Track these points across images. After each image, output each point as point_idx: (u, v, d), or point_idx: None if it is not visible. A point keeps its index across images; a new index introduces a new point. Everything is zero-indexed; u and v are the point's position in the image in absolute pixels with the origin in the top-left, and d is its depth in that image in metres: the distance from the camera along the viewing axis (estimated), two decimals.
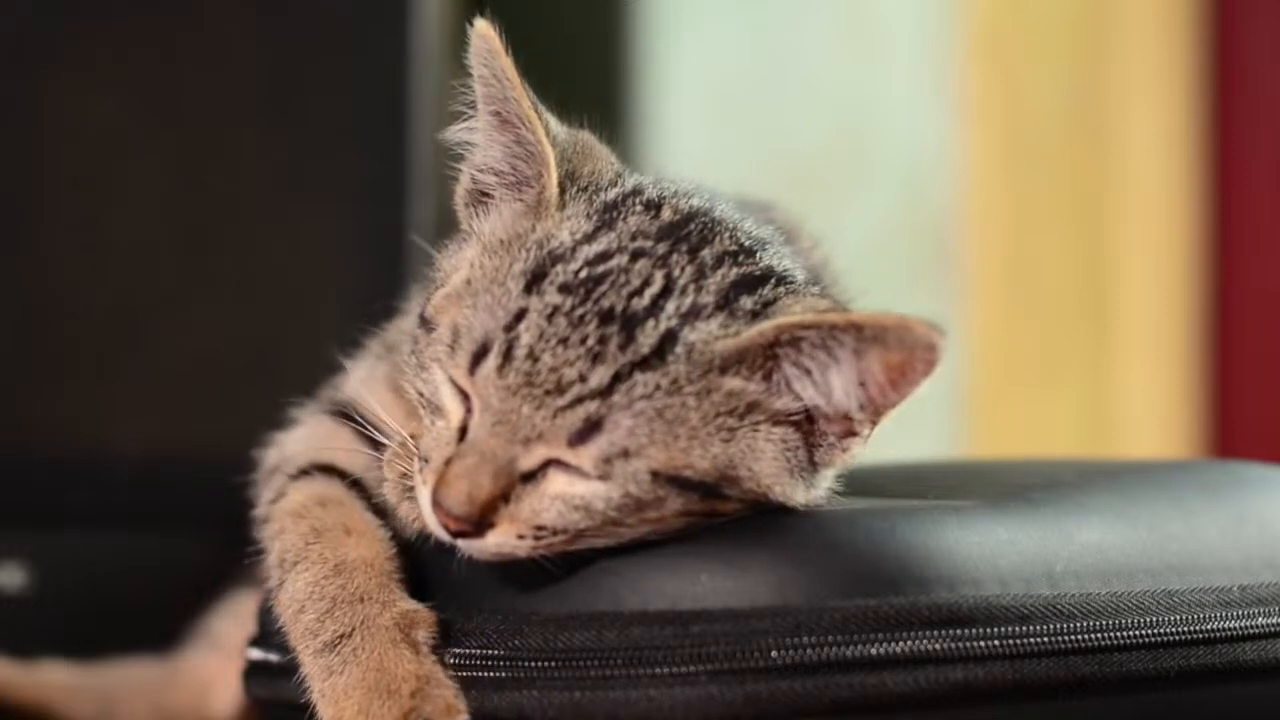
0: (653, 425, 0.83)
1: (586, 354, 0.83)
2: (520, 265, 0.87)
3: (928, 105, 2.29)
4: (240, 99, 1.61)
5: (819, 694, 0.83)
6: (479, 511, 0.83)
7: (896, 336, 0.83)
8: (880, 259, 2.29)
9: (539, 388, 0.83)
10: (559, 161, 0.90)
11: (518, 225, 0.90)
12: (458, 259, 0.91)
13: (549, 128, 0.91)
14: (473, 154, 0.93)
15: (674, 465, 0.84)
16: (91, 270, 1.58)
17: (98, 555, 1.52)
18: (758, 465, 0.85)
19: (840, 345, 0.84)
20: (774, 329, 0.84)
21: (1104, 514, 0.93)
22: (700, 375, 0.84)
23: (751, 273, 0.88)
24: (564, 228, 0.88)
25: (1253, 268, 2.43)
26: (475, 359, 0.85)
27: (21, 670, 1.32)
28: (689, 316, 0.85)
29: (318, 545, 0.91)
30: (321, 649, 0.87)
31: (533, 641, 0.85)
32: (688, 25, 2.31)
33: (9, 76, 1.58)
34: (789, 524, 0.87)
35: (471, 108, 0.92)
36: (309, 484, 0.96)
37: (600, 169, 0.93)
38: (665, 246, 0.87)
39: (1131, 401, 2.35)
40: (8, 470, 1.55)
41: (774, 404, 0.86)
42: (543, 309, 0.84)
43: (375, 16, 1.61)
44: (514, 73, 0.90)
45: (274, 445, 1.02)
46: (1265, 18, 2.43)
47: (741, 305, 0.86)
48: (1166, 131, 2.39)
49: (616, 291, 0.85)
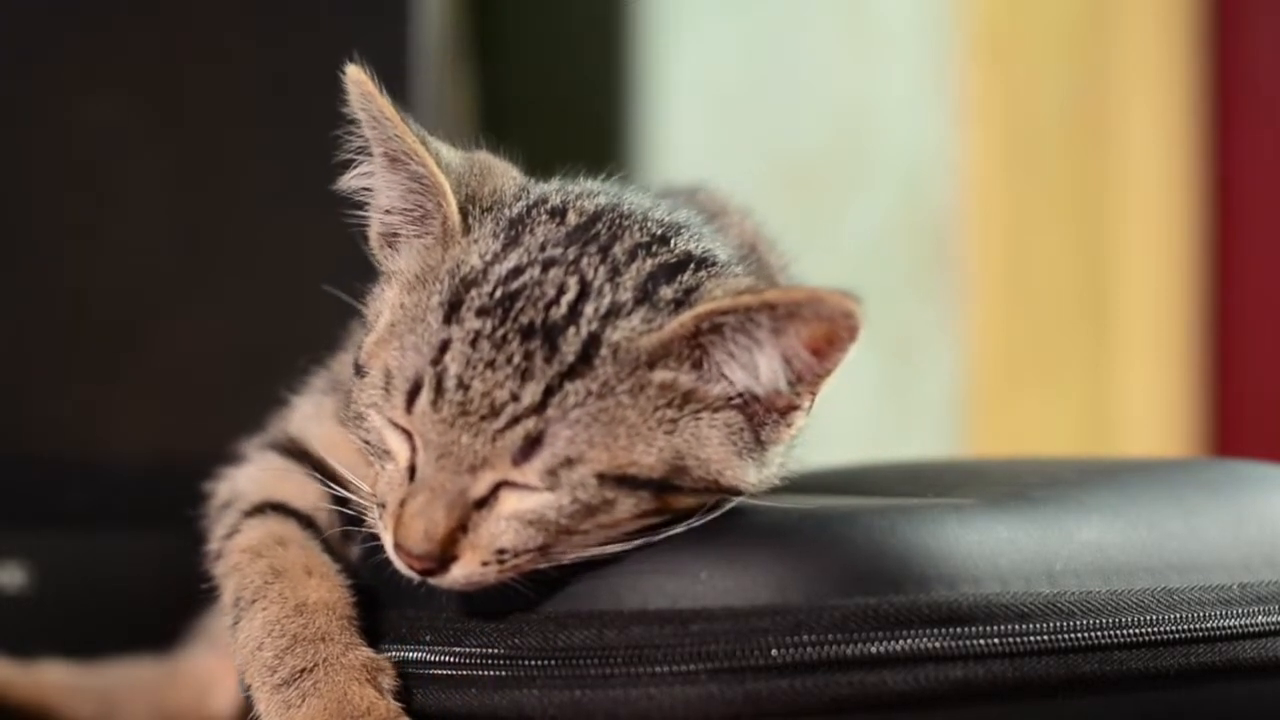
0: (591, 430, 0.83)
1: (515, 373, 0.83)
2: (437, 297, 0.86)
3: (928, 105, 2.29)
4: (240, 99, 1.61)
5: (819, 692, 0.83)
6: (439, 547, 0.83)
7: (811, 310, 0.83)
8: (880, 259, 2.29)
9: (475, 415, 0.83)
10: (455, 188, 0.90)
11: (429, 258, 0.90)
12: (381, 302, 0.91)
13: (439, 157, 0.90)
14: (374, 198, 0.93)
15: (618, 465, 0.84)
16: (91, 270, 1.58)
17: (98, 555, 1.52)
18: (704, 452, 0.85)
19: (758, 326, 0.84)
20: (693, 319, 0.84)
21: (1104, 512, 0.93)
22: (629, 373, 0.84)
23: (667, 261, 0.88)
24: (473, 252, 0.88)
25: (1252, 267, 2.43)
26: (410, 398, 0.85)
27: (21, 670, 1.32)
28: (610, 317, 0.85)
29: (277, 584, 0.91)
30: (280, 684, 0.87)
31: (533, 640, 0.85)
32: (687, 25, 2.31)
33: (9, 76, 1.58)
34: (789, 523, 0.87)
35: (360, 153, 0.92)
36: (264, 522, 0.96)
37: (502, 186, 0.92)
38: (575, 251, 0.87)
39: (1131, 401, 2.35)
40: (8, 470, 1.55)
41: (710, 391, 0.86)
42: (464, 336, 0.84)
43: (375, 16, 1.61)
44: (393, 111, 0.89)
45: (224, 480, 1.01)
46: (1265, 18, 2.43)
47: (662, 296, 0.86)
48: (1166, 132, 2.39)
49: (533, 305, 0.85)
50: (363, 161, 0.92)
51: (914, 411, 2.26)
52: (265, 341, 1.55)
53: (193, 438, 1.02)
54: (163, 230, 1.58)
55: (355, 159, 0.92)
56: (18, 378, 1.57)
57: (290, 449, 1.00)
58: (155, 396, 1.58)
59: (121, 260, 1.58)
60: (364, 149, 0.91)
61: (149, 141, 1.58)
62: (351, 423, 0.90)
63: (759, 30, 2.34)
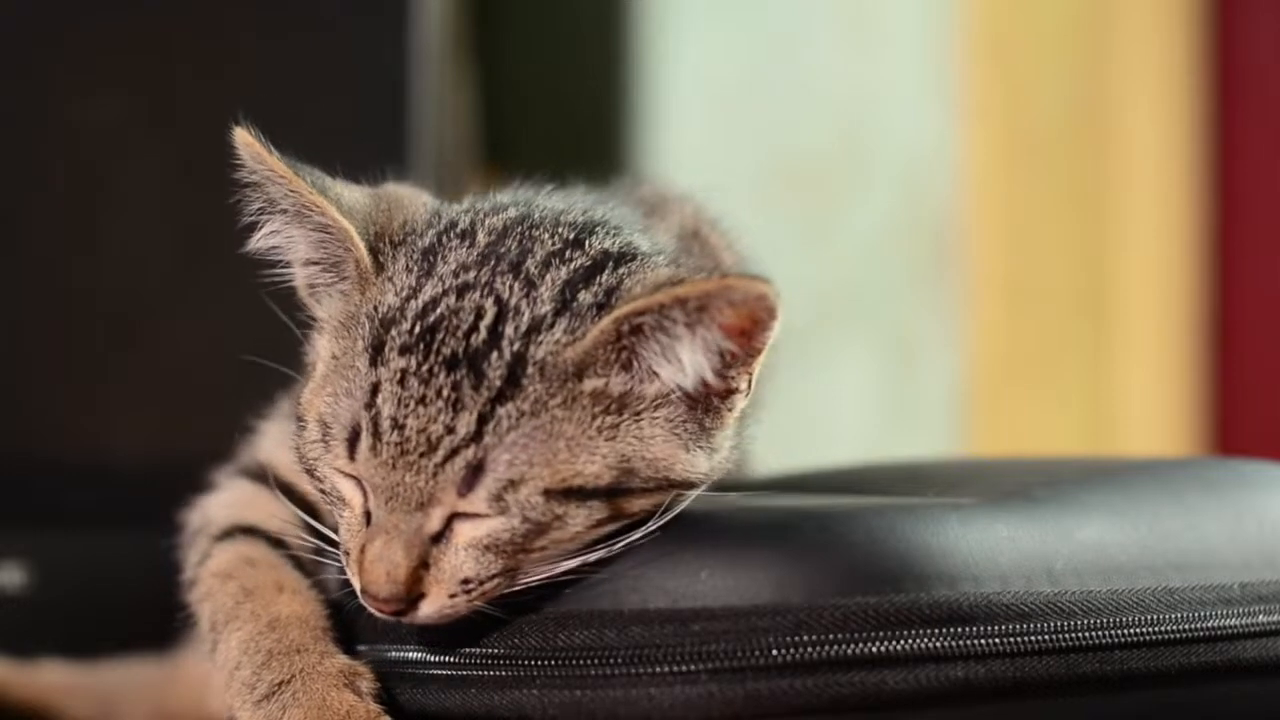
0: (530, 450, 0.83)
1: (446, 405, 0.83)
2: (361, 342, 0.86)
3: (928, 105, 2.29)
4: (240, 99, 1.61)
5: (820, 692, 0.83)
6: (404, 588, 0.84)
7: (724, 299, 0.83)
8: (880, 259, 2.28)
9: (414, 453, 0.83)
10: (362, 230, 0.89)
11: (349, 304, 0.89)
12: (315, 351, 0.91)
13: (341, 202, 0.90)
14: (290, 253, 0.92)
15: (562, 479, 0.83)
16: (91, 270, 1.58)
17: (98, 555, 1.52)
18: (650, 452, 0.85)
19: (674, 322, 0.84)
20: (612, 323, 0.84)
21: (1104, 511, 0.93)
22: (560, 387, 0.84)
23: (583, 265, 0.87)
24: (388, 290, 0.88)
25: (1252, 267, 2.43)
26: (350, 445, 0.85)
27: (21, 670, 1.32)
28: (531, 333, 0.84)
29: (249, 604, 0.92)
30: (260, 700, 0.88)
31: (532, 640, 0.86)
32: (688, 25, 2.31)
33: (9, 76, 1.58)
34: (789, 522, 0.87)
35: (263, 214, 0.91)
36: (233, 545, 0.96)
37: (412, 217, 0.92)
38: (488, 271, 0.87)
39: (1131, 401, 2.35)
40: (8, 470, 1.55)
41: (645, 390, 0.85)
42: (392, 377, 0.84)
43: (375, 16, 1.61)
44: (285, 167, 0.89)
45: (196, 509, 1.02)
46: (1265, 18, 2.43)
47: (581, 301, 0.86)
48: (1167, 131, 2.39)
49: (453, 335, 0.84)
50: (267, 221, 0.91)
51: (914, 411, 2.26)
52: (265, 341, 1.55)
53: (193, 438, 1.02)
54: (163, 230, 1.58)
55: (259, 220, 0.91)
56: (18, 378, 1.57)
57: (259, 474, 1.00)
58: (155, 396, 1.58)
59: (121, 260, 1.58)
60: (265, 209, 0.91)
61: (149, 141, 1.58)
62: (305, 474, 0.90)
63: (759, 30, 2.34)
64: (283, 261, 0.92)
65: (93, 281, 1.58)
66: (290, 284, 0.93)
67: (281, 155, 0.89)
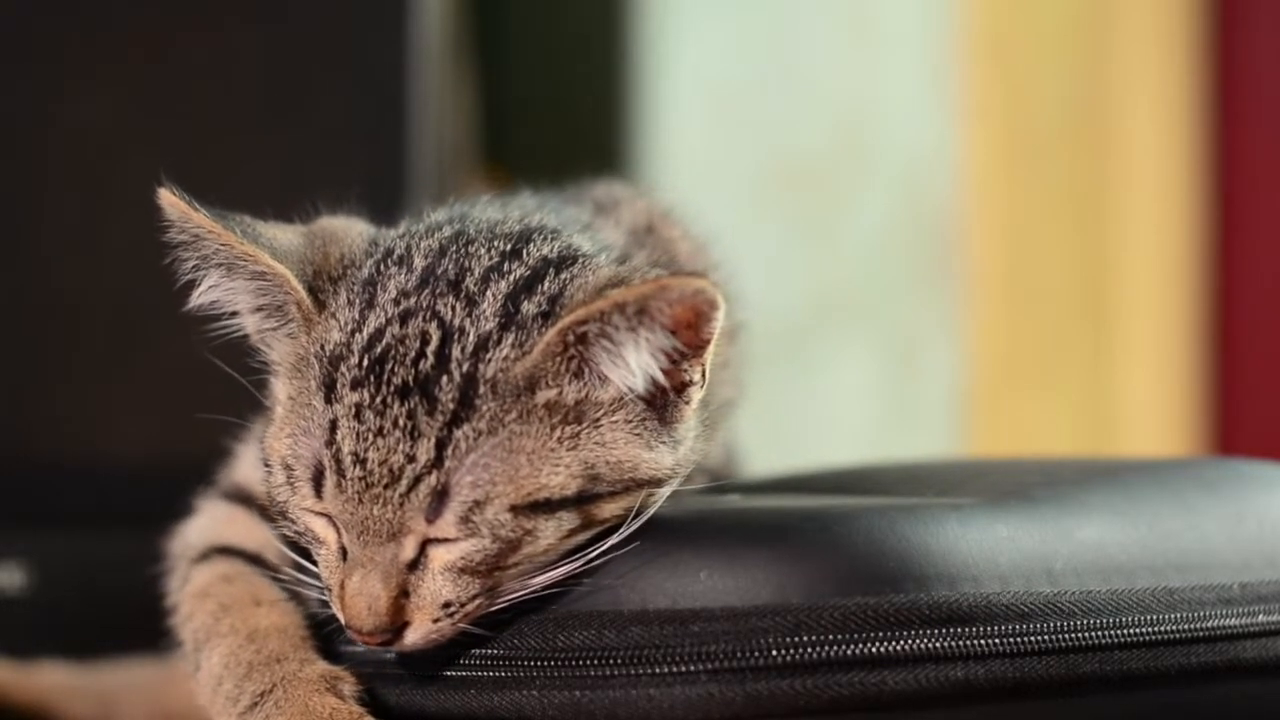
0: (491, 469, 0.83)
1: (404, 435, 0.83)
2: (314, 381, 0.86)
3: (928, 105, 2.29)
4: (240, 99, 1.61)
5: (819, 692, 0.82)
6: (387, 619, 0.84)
7: (662, 299, 0.83)
8: (880, 259, 2.29)
9: (378, 485, 0.83)
10: (298, 271, 0.89)
11: (298, 345, 0.89)
12: (274, 395, 0.91)
13: (273, 247, 0.90)
14: (234, 304, 0.92)
15: (527, 494, 0.83)
16: (91, 270, 1.58)
17: (98, 555, 1.52)
18: (613, 455, 0.85)
19: (617, 327, 0.84)
20: (557, 335, 0.84)
21: (1104, 511, 0.93)
22: (513, 402, 0.84)
23: (523, 275, 0.87)
24: (333, 327, 0.87)
25: (1252, 266, 2.43)
26: (315, 484, 0.85)
27: (21, 671, 1.32)
28: (479, 352, 0.84)
29: (227, 619, 0.92)
30: (244, 711, 0.88)
31: (532, 641, 0.86)
32: (688, 25, 2.32)
33: (9, 76, 1.58)
34: (789, 523, 0.87)
35: (199, 270, 0.91)
36: (210, 565, 0.97)
37: (349, 249, 0.91)
38: (428, 295, 0.86)
39: (1131, 401, 2.35)
40: (8, 470, 1.55)
41: (600, 396, 0.85)
42: (347, 412, 0.84)
43: (375, 16, 1.61)
44: (211, 222, 0.89)
45: (177, 535, 1.02)
46: (1265, 18, 2.43)
47: (525, 313, 0.85)
48: (1167, 131, 2.39)
49: (401, 364, 0.84)
50: (205, 276, 0.91)
51: (914, 411, 2.26)
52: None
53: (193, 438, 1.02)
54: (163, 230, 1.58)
55: (196, 277, 0.91)
56: (18, 378, 1.57)
57: (238, 495, 1.00)
58: (155, 397, 1.57)
59: (121, 260, 1.58)
60: (200, 265, 0.91)
61: (149, 141, 1.58)
62: (279, 518, 0.90)
63: (759, 30, 2.34)
64: (229, 313, 0.92)
65: (93, 280, 1.58)
66: (243, 334, 0.93)
67: (208, 209, 0.89)
